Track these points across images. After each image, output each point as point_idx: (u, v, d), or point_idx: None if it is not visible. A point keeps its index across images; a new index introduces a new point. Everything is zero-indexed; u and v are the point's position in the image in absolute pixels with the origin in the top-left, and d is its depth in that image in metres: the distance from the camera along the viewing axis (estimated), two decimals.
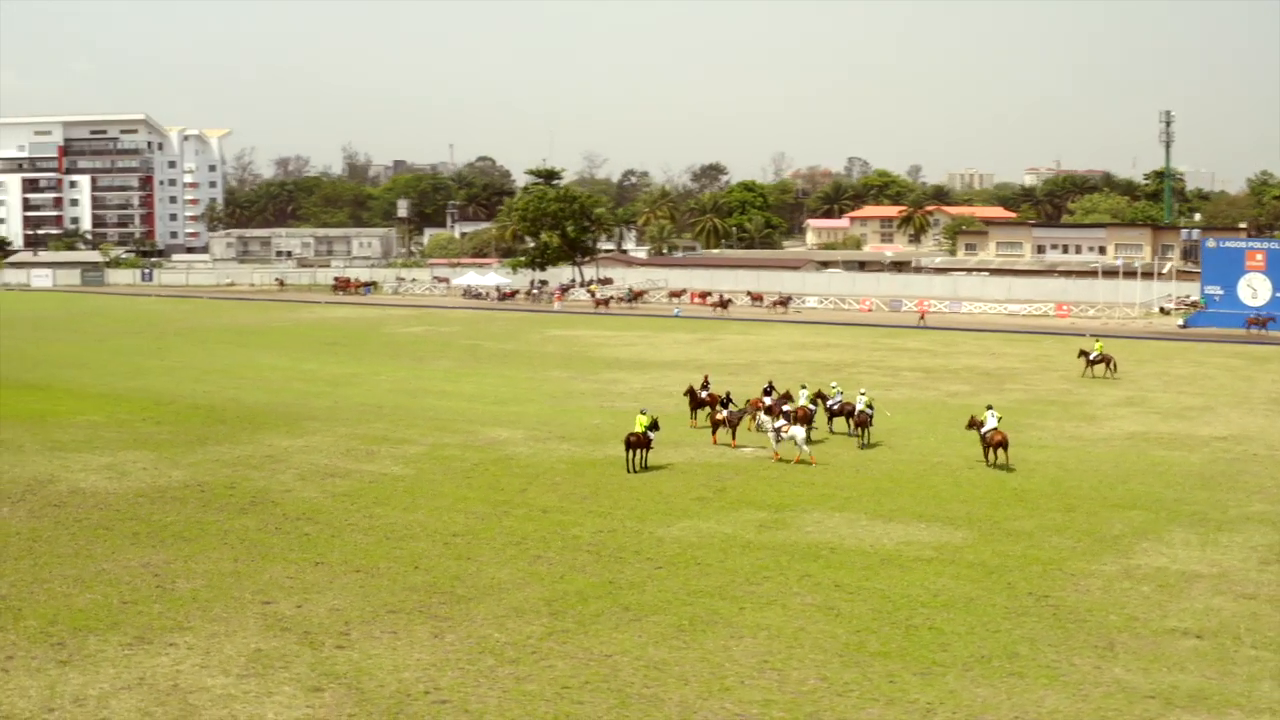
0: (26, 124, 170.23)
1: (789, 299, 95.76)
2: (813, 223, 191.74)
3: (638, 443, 34.26)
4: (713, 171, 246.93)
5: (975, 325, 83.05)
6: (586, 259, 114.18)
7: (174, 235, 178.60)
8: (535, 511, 29.75)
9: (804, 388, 40.60)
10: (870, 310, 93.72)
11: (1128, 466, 35.35)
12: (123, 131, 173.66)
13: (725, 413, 38.88)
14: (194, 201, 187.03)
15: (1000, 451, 34.45)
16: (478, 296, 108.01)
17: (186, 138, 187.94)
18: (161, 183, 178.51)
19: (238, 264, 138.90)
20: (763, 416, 36.43)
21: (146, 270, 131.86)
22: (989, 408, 36.46)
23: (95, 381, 53.21)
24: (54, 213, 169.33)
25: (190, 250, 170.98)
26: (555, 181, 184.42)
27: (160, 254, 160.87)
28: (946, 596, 23.09)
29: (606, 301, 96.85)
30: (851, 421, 39.22)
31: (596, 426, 41.67)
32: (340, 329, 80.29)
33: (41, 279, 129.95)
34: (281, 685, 18.69)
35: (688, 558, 25.75)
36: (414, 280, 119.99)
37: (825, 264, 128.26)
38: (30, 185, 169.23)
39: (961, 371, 58.14)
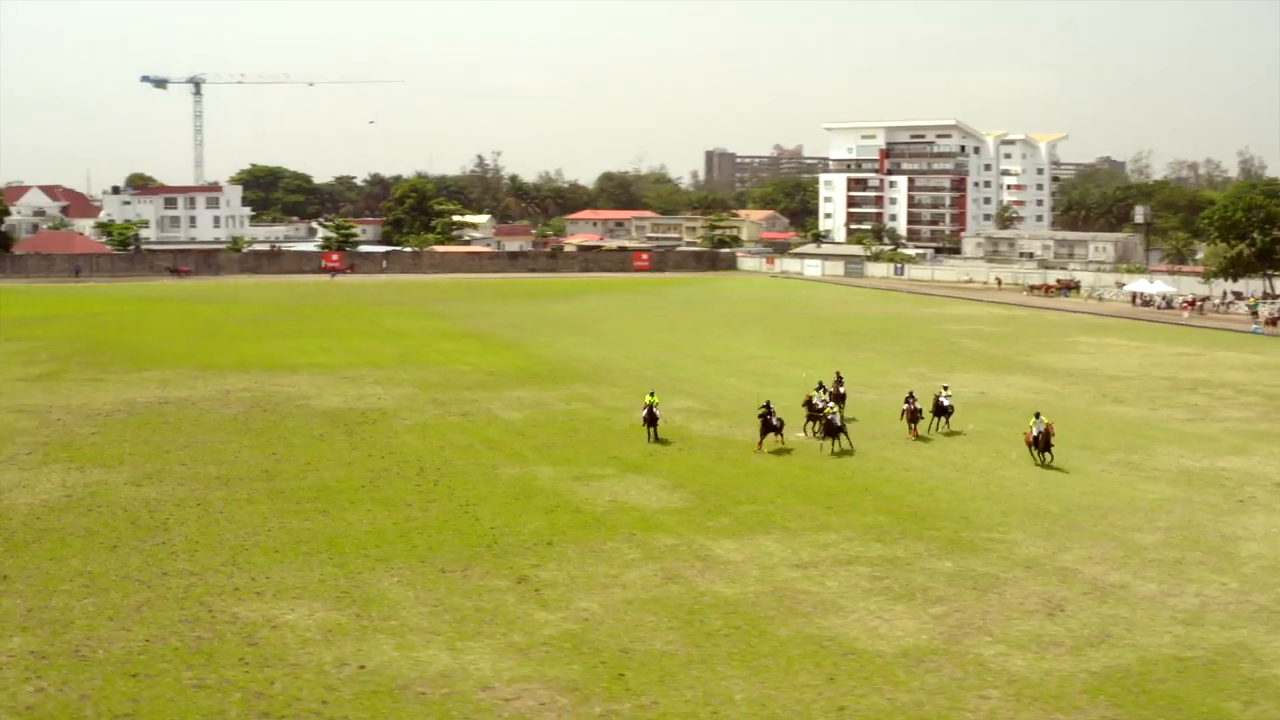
0: (855, 129, 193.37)
1: None
2: None
3: (650, 418, 41.25)
4: None
5: None
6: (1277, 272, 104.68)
7: None
8: (487, 449, 39.43)
9: (820, 386, 43.20)
10: None
11: (1055, 491, 34.11)
12: (938, 136, 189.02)
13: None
14: (1018, 204, 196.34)
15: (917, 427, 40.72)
16: (1147, 304, 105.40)
17: (1011, 142, 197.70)
18: (976, 184, 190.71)
19: (985, 263, 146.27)
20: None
21: (899, 265, 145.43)
22: (948, 386, 43.84)
23: (553, 347, 68.98)
24: (873, 210, 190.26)
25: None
26: None
27: (957, 252, 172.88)
28: (451, 533, 29.55)
29: (1275, 321, 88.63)
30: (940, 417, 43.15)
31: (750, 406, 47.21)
32: (901, 322, 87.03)
33: (812, 269, 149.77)
34: (69, 494, 32.48)
35: (446, 484, 34.40)
36: (1120, 285, 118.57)
37: None
38: (855, 184, 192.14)
39: None
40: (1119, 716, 19.25)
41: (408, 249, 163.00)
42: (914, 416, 42.01)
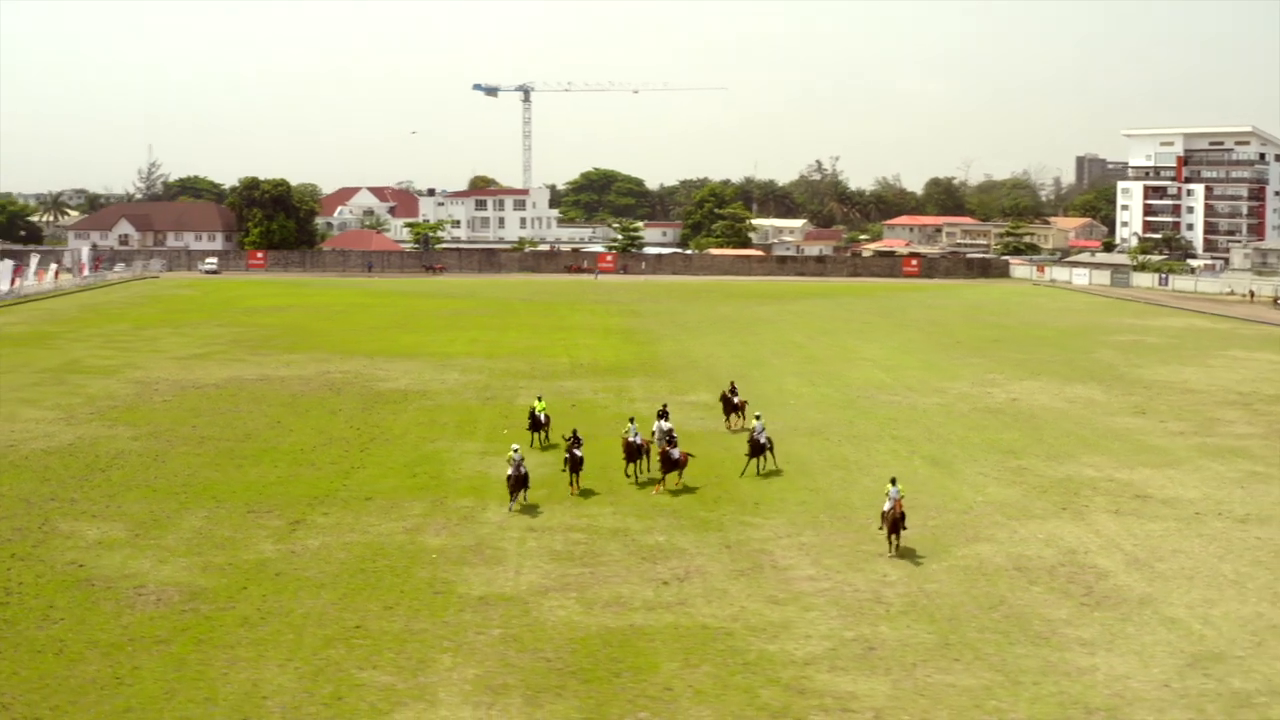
0: (1154, 135, 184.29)
1: None
2: None
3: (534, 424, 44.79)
4: None
5: None
6: None
7: None
8: (453, 426, 45.88)
9: (632, 420, 39.53)
10: None
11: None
12: (1236, 143, 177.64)
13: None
14: None
15: (761, 459, 38.64)
16: None
17: None
18: (1277, 193, 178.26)
19: (1253, 275, 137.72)
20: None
21: (1163, 275, 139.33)
22: (760, 415, 41.25)
23: (676, 344, 74.21)
24: (1170, 219, 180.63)
25: None
26: None
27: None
28: (306, 486, 35.91)
29: None
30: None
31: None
32: (1075, 333, 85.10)
33: (1080, 278, 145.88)
34: (73, 443, 41.55)
35: (371, 451, 40.95)
36: None
37: None
38: (1152, 193, 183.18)
39: None
40: (555, 660, 22.91)
41: (685, 251, 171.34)
42: (668, 464, 35.89)
